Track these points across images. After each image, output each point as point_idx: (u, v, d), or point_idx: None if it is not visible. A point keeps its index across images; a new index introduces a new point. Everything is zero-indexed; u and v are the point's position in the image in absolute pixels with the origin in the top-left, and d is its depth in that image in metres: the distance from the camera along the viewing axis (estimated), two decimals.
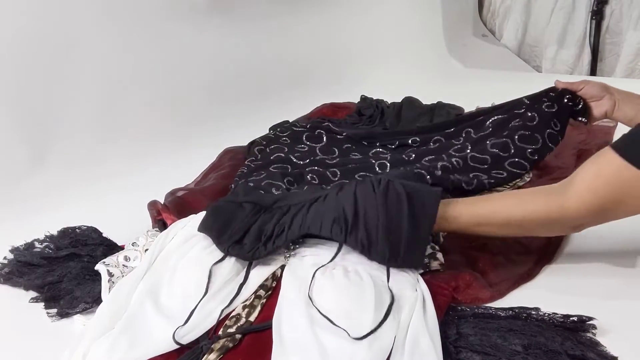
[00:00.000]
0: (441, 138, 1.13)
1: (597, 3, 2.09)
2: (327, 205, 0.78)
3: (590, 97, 1.02)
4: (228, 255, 0.79)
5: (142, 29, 1.39)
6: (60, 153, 1.21)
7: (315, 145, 1.20)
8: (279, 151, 1.17)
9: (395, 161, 1.10)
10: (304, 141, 1.20)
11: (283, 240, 0.79)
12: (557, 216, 0.72)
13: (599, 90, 1.01)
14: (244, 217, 0.82)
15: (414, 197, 0.75)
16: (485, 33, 2.45)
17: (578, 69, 2.19)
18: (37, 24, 1.19)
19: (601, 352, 0.65)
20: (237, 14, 1.63)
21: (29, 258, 0.88)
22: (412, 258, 0.75)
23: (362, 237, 0.74)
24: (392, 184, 0.77)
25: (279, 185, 1.00)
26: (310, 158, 1.14)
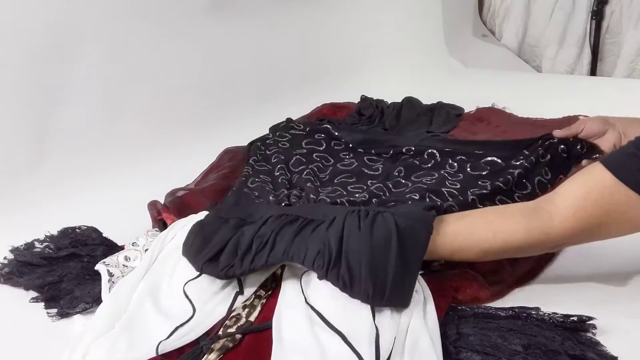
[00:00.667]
0: (435, 152, 1.09)
1: (597, 3, 2.09)
2: (315, 235, 0.72)
3: (593, 136, 0.95)
4: (202, 273, 0.75)
5: (142, 30, 1.39)
6: (60, 153, 1.21)
7: (313, 152, 1.18)
8: (278, 155, 1.16)
9: (385, 173, 1.07)
10: (303, 146, 1.18)
11: (263, 261, 0.72)
12: (538, 242, 0.68)
13: (599, 125, 0.94)
14: (225, 233, 0.77)
15: (405, 231, 0.69)
16: (485, 33, 2.46)
17: (578, 69, 2.19)
18: (37, 24, 1.19)
19: (601, 352, 0.65)
20: (237, 14, 1.63)
21: (29, 258, 0.88)
22: (399, 296, 0.68)
23: (343, 273, 0.68)
24: (382, 216, 0.71)
25: (274, 193, 0.99)
26: (305, 165, 1.12)
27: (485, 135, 1.34)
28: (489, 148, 1.08)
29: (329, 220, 0.73)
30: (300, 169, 1.10)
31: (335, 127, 1.27)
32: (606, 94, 1.64)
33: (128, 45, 1.36)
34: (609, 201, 0.64)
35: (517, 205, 0.76)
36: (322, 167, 1.12)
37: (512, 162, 1.01)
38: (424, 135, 1.24)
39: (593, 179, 0.66)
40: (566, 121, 1.38)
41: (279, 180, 1.04)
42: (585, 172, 0.67)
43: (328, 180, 1.07)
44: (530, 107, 1.48)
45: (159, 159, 1.28)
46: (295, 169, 1.10)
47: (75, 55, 1.26)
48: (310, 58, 1.81)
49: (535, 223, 0.68)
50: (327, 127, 1.25)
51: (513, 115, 1.47)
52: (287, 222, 0.75)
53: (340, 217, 0.72)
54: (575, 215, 0.65)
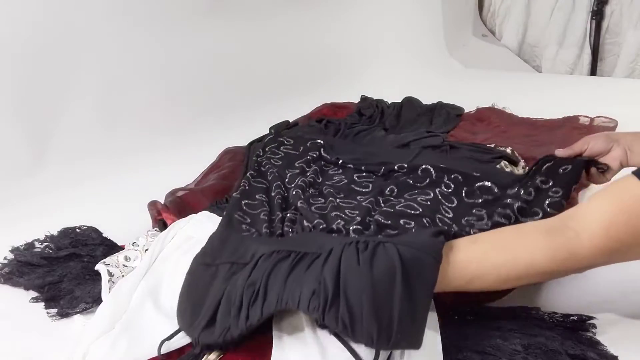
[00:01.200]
0: (430, 168, 1.00)
1: (597, 3, 2.09)
2: (310, 273, 0.64)
3: (598, 154, 0.89)
4: (201, 344, 0.68)
5: (143, 29, 1.39)
6: (61, 153, 1.21)
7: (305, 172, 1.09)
8: (273, 172, 1.07)
9: (376, 190, 0.99)
10: (295, 166, 1.10)
11: (258, 314, 0.65)
12: (564, 263, 0.60)
13: (603, 143, 0.88)
14: (216, 291, 0.71)
15: (410, 262, 0.61)
16: (485, 33, 2.46)
17: (578, 69, 2.19)
18: (37, 24, 1.19)
19: (601, 352, 0.65)
20: (237, 14, 1.63)
21: (29, 258, 0.88)
22: (408, 336, 0.60)
23: (342, 314, 0.60)
24: (383, 247, 0.63)
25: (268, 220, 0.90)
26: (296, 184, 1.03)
27: (485, 135, 1.34)
28: (486, 171, 1.00)
29: (324, 254, 0.65)
30: (295, 185, 1.02)
31: (326, 144, 1.17)
32: (606, 94, 1.64)
33: (127, 46, 1.36)
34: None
35: (537, 222, 0.66)
36: (314, 182, 1.04)
37: (507, 191, 0.92)
38: (419, 149, 1.15)
39: (627, 192, 0.59)
40: (566, 121, 1.39)
41: (275, 201, 0.96)
42: (616, 185, 0.60)
43: (319, 194, 1.00)
44: (530, 107, 1.48)
45: (159, 158, 1.28)
46: (290, 185, 1.03)
47: (75, 57, 1.26)
48: (310, 58, 1.81)
49: (560, 242, 0.60)
50: (318, 144, 1.16)
51: (513, 115, 1.47)
52: (280, 260, 0.67)
53: (336, 249, 0.65)
54: (608, 232, 0.58)
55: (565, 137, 1.29)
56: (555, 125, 1.38)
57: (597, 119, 1.37)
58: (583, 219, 0.60)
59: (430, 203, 0.91)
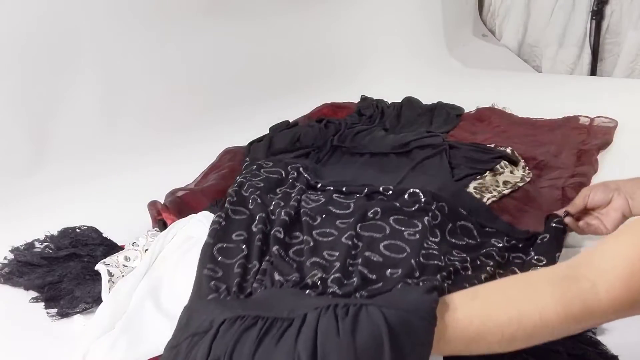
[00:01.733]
0: (419, 193, 0.90)
1: (597, 3, 2.09)
2: (280, 348, 0.55)
3: (598, 206, 0.84)
4: None
5: (142, 30, 1.39)
6: (61, 153, 1.21)
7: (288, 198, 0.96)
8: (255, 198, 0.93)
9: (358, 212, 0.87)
10: (277, 192, 0.99)
11: None
12: (578, 319, 0.52)
13: (602, 194, 0.83)
14: None
15: (399, 327, 0.53)
16: (485, 33, 2.46)
17: (578, 69, 2.19)
18: (38, 24, 1.19)
19: (602, 351, 0.65)
20: (237, 15, 1.63)
21: (29, 258, 0.88)
22: None
23: None
24: (366, 311, 0.54)
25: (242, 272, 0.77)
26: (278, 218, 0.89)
27: (485, 135, 1.34)
28: (476, 209, 0.94)
29: (298, 320, 0.55)
30: (277, 221, 0.87)
31: (308, 168, 1.07)
32: (606, 94, 1.64)
33: (127, 45, 1.36)
34: None
35: (544, 271, 0.58)
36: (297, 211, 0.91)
37: (492, 240, 0.86)
38: (406, 172, 1.08)
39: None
40: (566, 121, 1.39)
41: (255, 242, 0.81)
42: (635, 227, 0.53)
43: (298, 228, 0.87)
44: (530, 107, 1.48)
45: (159, 158, 1.28)
46: (274, 216, 0.89)
47: (75, 57, 1.26)
48: (310, 58, 1.81)
49: (573, 294, 0.51)
50: (300, 168, 1.06)
51: (513, 115, 1.47)
52: (245, 330, 0.57)
53: (312, 316, 0.55)
54: (629, 283, 0.50)
55: (565, 137, 1.30)
56: (555, 125, 1.38)
57: (597, 119, 1.37)
58: (599, 266, 0.52)
59: (418, 236, 0.81)
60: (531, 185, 1.08)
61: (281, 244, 0.80)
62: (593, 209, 0.85)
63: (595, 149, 1.22)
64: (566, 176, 1.11)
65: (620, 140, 1.28)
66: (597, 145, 1.24)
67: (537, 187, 1.08)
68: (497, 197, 1.03)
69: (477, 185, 1.04)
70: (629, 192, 0.81)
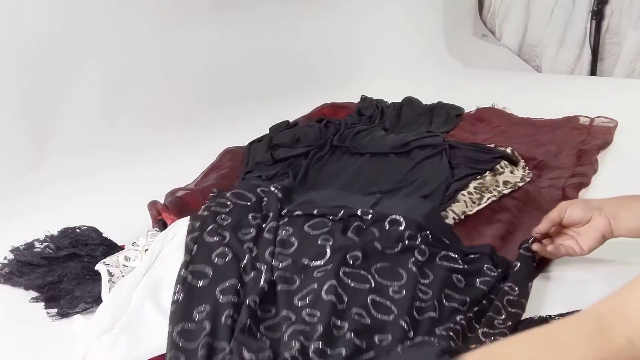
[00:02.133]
0: (401, 220, 0.82)
1: (597, 3, 2.09)
2: None
3: (575, 223, 0.79)
4: None
5: (143, 29, 1.39)
6: (61, 153, 1.21)
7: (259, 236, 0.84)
8: (223, 244, 0.80)
9: (336, 256, 0.76)
10: (249, 222, 0.85)
11: None
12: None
13: (582, 212, 0.77)
14: None
15: None
16: (485, 33, 2.46)
17: (578, 69, 2.19)
18: (38, 23, 1.19)
19: None
20: (237, 14, 1.63)
21: (29, 258, 0.88)
22: None
23: None
24: None
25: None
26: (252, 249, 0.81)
27: (485, 135, 1.34)
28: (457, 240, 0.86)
29: None
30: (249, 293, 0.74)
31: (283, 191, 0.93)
32: (606, 94, 1.64)
33: (127, 45, 1.36)
34: None
35: (567, 326, 0.49)
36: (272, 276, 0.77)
37: (476, 279, 0.78)
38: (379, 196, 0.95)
39: None
40: (566, 121, 1.39)
41: (223, 318, 0.69)
42: None
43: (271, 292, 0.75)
44: (530, 107, 1.48)
45: (159, 158, 1.28)
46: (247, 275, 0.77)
47: (75, 56, 1.26)
48: (310, 58, 1.81)
49: (609, 354, 0.45)
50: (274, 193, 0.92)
51: (513, 115, 1.47)
52: None
53: None
54: None
55: (565, 137, 1.30)
56: (555, 125, 1.38)
57: (597, 119, 1.37)
58: (632, 318, 0.46)
59: (405, 293, 0.72)
60: (531, 185, 1.08)
61: (254, 318, 0.69)
62: (568, 226, 0.80)
63: (595, 149, 1.22)
64: (566, 176, 1.11)
65: (620, 140, 1.28)
66: (597, 145, 1.24)
67: (537, 187, 1.08)
68: (497, 197, 1.03)
69: (477, 185, 1.04)
70: (612, 212, 0.75)
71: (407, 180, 1.09)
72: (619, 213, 0.75)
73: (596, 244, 0.76)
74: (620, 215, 0.75)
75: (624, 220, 0.74)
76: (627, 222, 0.74)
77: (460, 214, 0.97)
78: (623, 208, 0.75)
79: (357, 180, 1.11)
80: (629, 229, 0.74)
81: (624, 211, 0.74)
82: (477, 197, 1.01)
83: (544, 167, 1.15)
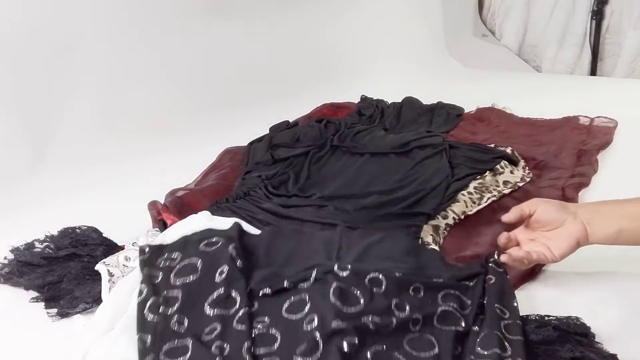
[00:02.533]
0: (381, 280, 0.71)
1: (597, 3, 2.09)
2: None
3: (546, 224, 0.74)
4: None
5: (141, 30, 1.39)
6: (61, 153, 1.21)
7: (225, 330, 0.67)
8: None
9: None
10: (208, 315, 0.69)
11: None
12: None
13: (556, 213, 0.73)
14: None
15: None
16: (485, 33, 2.46)
17: (578, 69, 2.19)
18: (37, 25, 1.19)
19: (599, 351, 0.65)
20: (237, 14, 1.63)
21: (29, 258, 0.88)
22: None
23: None
24: None
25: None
26: None
27: (485, 135, 1.34)
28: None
29: None
30: None
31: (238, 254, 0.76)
32: (606, 94, 1.64)
33: (127, 45, 1.36)
34: None
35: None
36: None
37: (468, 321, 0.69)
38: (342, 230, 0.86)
39: None
40: (566, 121, 1.39)
41: None
42: None
43: None
44: (530, 107, 1.48)
45: (159, 158, 1.28)
46: None
47: (75, 57, 1.26)
48: (310, 58, 1.81)
49: None
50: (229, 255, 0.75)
51: (513, 115, 1.47)
52: None
53: None
54: None
55: (565, 137, 1.30)
56: (555, 125, 1.38)
57: (597, 119, 1.37)
58: None
59: None
60: (531, 185, 1.08)
61: None
62: (537, 225, 0.75)
63: (595, 149, 1.22)
64: (566, 176, 1.11)
65: (620, 140, 1.28)
66: (597, 145, 1.24)
67: (537, 187, 1.08)
68: (497, 197, 1.03)
69: (477, 185, 1.05)
70: (587, 219, 0.71)
71: (408, 179, 1.09)
72: (593, 219, 0.71)
73: (569, 250, 0.71)
74: (595, 222, 0.71)
75: (600, 226, 0.71)
76: (603, 227, 0.71)
77: (460, 214, 0.97)
78: (599, 215, 0.71)
79: (357, 180, 1.11)
80: (605, 234, 0.71)
81: (600, 219, 0.71)
82: (477, 197, 1.01)
83: (544, 167, 1.15)
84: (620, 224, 0.70)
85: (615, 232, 0.70)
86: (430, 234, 0.91)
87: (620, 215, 0.70)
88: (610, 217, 0.71)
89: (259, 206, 0.99)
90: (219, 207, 0.96)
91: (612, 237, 0.71)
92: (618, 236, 0.70)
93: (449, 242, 0.91)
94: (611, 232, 0.70)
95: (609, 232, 0.70)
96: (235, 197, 1.01)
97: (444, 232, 0.93)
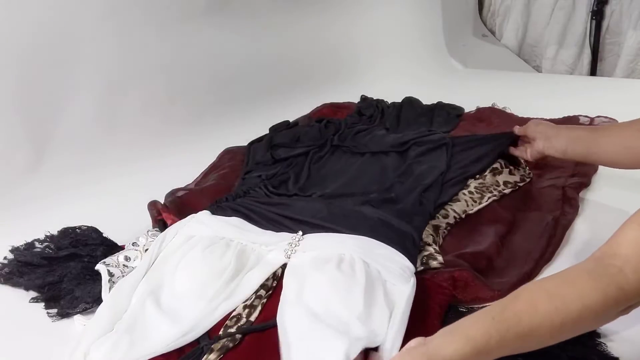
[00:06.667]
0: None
1: (597, 3, 2.09)
2: None
3: (531, 137, 1.05)
4: None
5: (142, 30, 1.39)
6: (61, 153, 1.21)
7: None
8: None
9: None
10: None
11: None
12: (615, 301, 0.57)
13: (532, 131, 1.04)
14: None
15: None
16: (485, 33, 2.46)
17: (578, 69, 2.19)
18: (37, 25, 1.19)
19: (601, 353, 0.65)
20: (237, 14, 1.63)
21: (29, 258, 0.88)
22: None
23: None
24: None
25: None
26: None
27: None
28: None
29: None
30: None
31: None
32: (606, 94, 1.64)
33: (127, 45, 1.36)
34: None
35: (572, 269, 0.62)
36: None
37: None
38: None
39: None
40: (566, 121, 1.39)
41: None
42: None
43: None
44: (530, 107, 1.48)
45: (159, 158, 1.28)
46: None
47: (74, 56, 1.26)
48: (310, 58, 1.81)
49: (607, 279, 0.57)
50: None
51: (513, 115, 1.47)
52: None
53: None
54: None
55: None
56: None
57: (597, 119, 1.37)
58: (620, 253, 0.58)
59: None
60: (531, 185, 1.08)
61: None
62: (528, 136, 1.06)
63: None
64: (566, 176, 1.11)
65: None
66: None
67: (537, 187, 1.08)
68: (497, 197, 1.03)
69: (478, 185, 1.04)
70: (548, 135, 1.00)
71: (406, 175, 1.09)
72: (551, 138, 1.00)
73: (536, 157, 1.04)
74: (550, 141, 1.00)
75: (554, 143, 0.99)
76: (556, 144, 0.99)
77: (461, 213, 0.97)
78: (557, 134, 0.99)
79: (358, 179, 1.11)
80: (556, 150, 0.99)
81: (555, 137, 0.99)
82: (478, 196, 1.01)
83: (544, 167, 1.15)
84: (568, 141, 0.98)
85: (564, 149, 0.98)
86: (430, 234, 0.91)
87: (569, 137, 0.98)
88: (562, 138, 0.98)
89: (259, 201, 0.99)
90: (219, 206, 0.96)
91: (562, 152, 0.98)
92: (566, 149, 0.98)
93: (450, 241, 0.91)
94: (559, 146, 0.98)
95: (557, 145, 0.99)
96: (235, 196, 1.01)
97: (444, 232, 0.93)
